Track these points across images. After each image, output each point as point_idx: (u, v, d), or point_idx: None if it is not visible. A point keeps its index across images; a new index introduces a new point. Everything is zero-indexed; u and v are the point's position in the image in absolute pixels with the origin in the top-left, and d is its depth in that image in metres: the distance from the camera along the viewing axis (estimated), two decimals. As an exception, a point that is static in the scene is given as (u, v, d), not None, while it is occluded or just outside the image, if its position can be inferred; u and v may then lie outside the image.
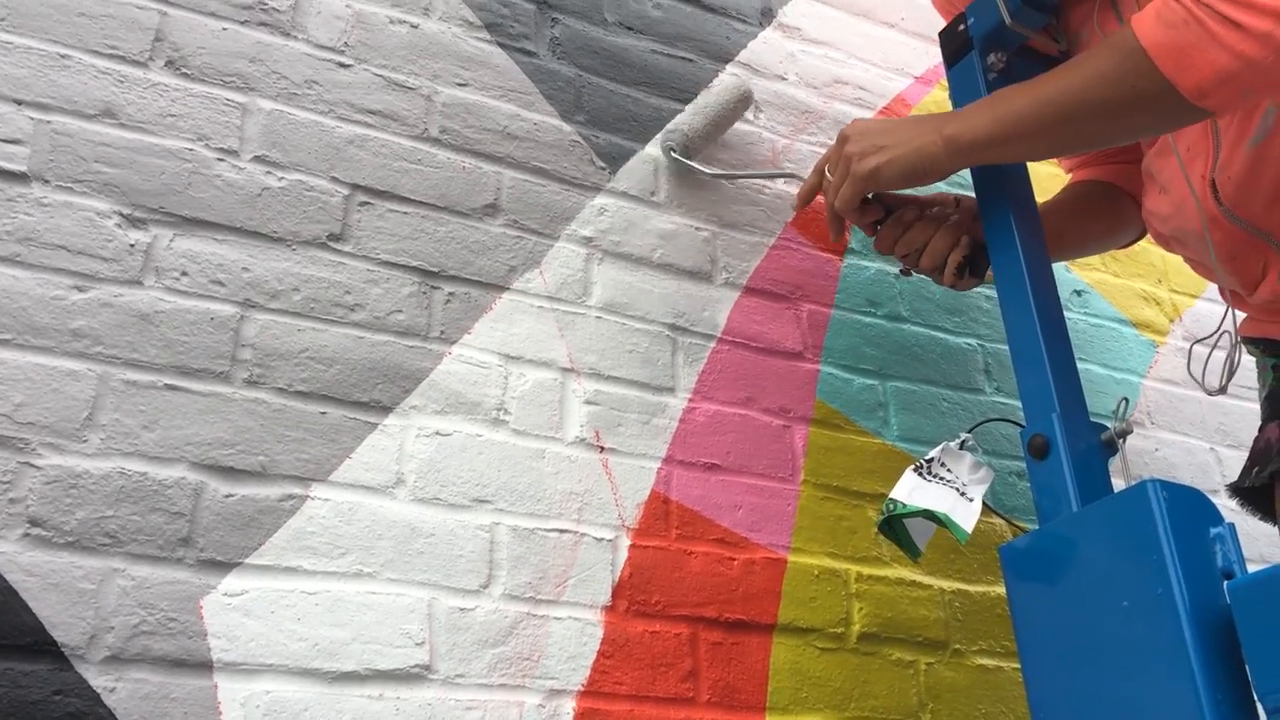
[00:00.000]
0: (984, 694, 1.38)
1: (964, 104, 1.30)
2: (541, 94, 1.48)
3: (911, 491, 1.21)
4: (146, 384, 1.12)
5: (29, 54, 1.20)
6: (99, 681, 1.00)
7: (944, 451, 1.25)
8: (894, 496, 1.21)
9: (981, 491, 1.21)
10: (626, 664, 1.21)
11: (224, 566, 1.08)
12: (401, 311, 1.27)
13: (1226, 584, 0.97)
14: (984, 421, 1.46)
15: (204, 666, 1.04)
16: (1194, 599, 0.95)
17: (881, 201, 1.36)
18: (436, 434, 1.23)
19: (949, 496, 1.20)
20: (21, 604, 0.99)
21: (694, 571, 1.29)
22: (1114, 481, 1.16)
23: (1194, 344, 1.41)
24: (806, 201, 1.40)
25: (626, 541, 1.27)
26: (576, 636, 1.20)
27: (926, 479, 1.22)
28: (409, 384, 1.24)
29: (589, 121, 1.50)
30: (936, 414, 1.54)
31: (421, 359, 1.26)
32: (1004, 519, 1.46)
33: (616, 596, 1.24)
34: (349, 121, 1.34)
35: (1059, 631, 1.08)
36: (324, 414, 1.19)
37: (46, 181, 1.16)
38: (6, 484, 1.03)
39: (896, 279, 1.61)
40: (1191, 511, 1.01)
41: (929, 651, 1.37)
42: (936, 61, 1.79)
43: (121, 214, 1.18)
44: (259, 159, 1.27)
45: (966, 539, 1.17)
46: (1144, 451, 1.67)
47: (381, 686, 1.10)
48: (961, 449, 1.25)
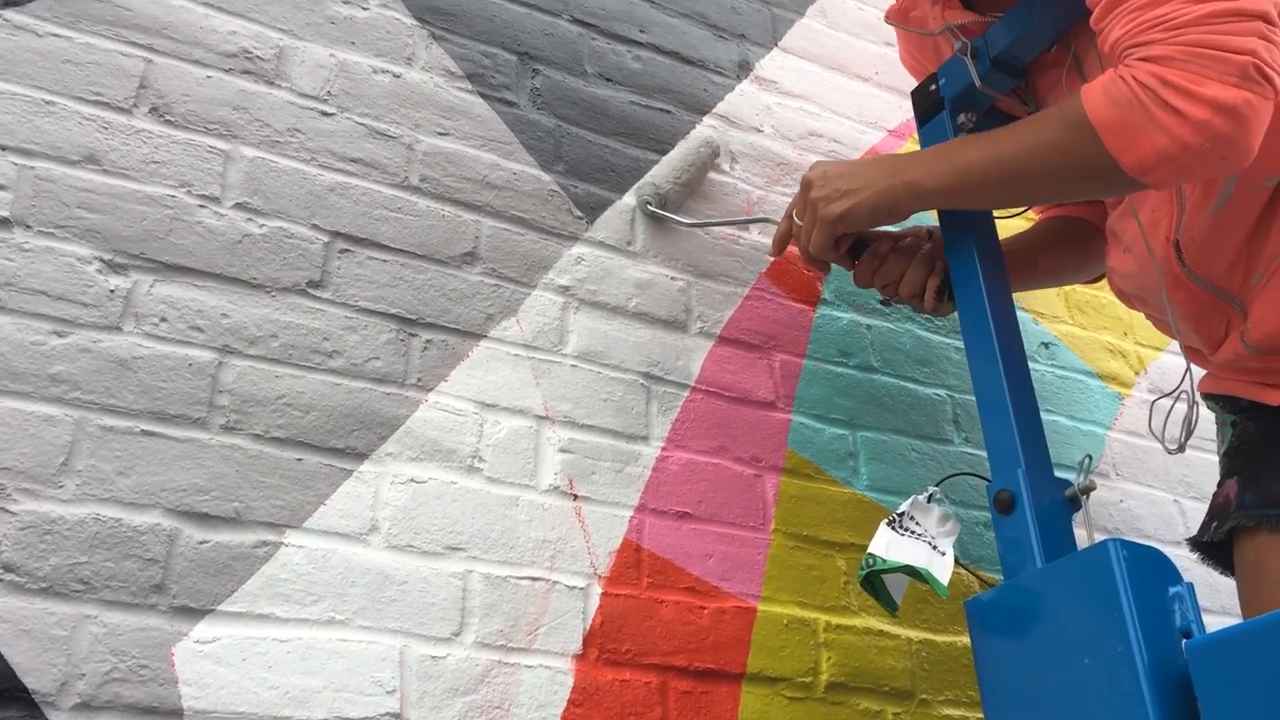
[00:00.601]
0: (950, 744, 1.40)
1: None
2: (521, 144, 1.50)
3: (888, 546, 1.22)
4: (123, 429, 1.13)
5: (13, 100, 1.21)
6: (69, 729, 1.00)
7: (913, 505, 1.27)
8: (872, 551, 1.22)
9: (950, 543, 1.23)
10: (596, 712, 1.22)
11: (196, 613, 1.09)
12: (379, 358, 1.29)
13: (1185, 643, 0.99)
14: (951, 475, 1.48)
15: (175, 714, 1.04)
16: (1153, 657, 0.98)
17: (855, 236, 1.39)
18: (411, 481, 1.24)
19: (924, 551, 1.22)
20: (-8, 651, 1.00)
21: (665, 620, 1.30)
22: (1078, 533, 1.19)
23: (1156, 400, 1.44)
24: (782, 247, 1.43)
25: (598, 590, 1.28)
26: (547, 685, 1.21)
27: (900, 533, 1.23)
28: (385, 431, 1.25)
29: (568, 171, 1.52)
30: (906, 464, 1.56)
31: (398, 406, 1.27)
32: (968, 570, 1.48)
33: (587, 645, 1.25)
34: (330, 169, 1.36)
35: (1022, 686, 1.09)
36: (300, 460, 1.20)
37: (28, 227, 1.17)
38: (-20, 529, 1.03)
39: (868, 330, 1.63)
40: (1151, 571, 1.03)
41: (896, 701, 1.39)
42: (909, 115, 1.82)
43: (102, 259, 1.19)
44: (240, 206, 1.28)
45: (946, 593, 1.18)
46: (1109, 503, 1.70)
47: (352, 735, 1.10)
48: (929, 502, 1.27)
